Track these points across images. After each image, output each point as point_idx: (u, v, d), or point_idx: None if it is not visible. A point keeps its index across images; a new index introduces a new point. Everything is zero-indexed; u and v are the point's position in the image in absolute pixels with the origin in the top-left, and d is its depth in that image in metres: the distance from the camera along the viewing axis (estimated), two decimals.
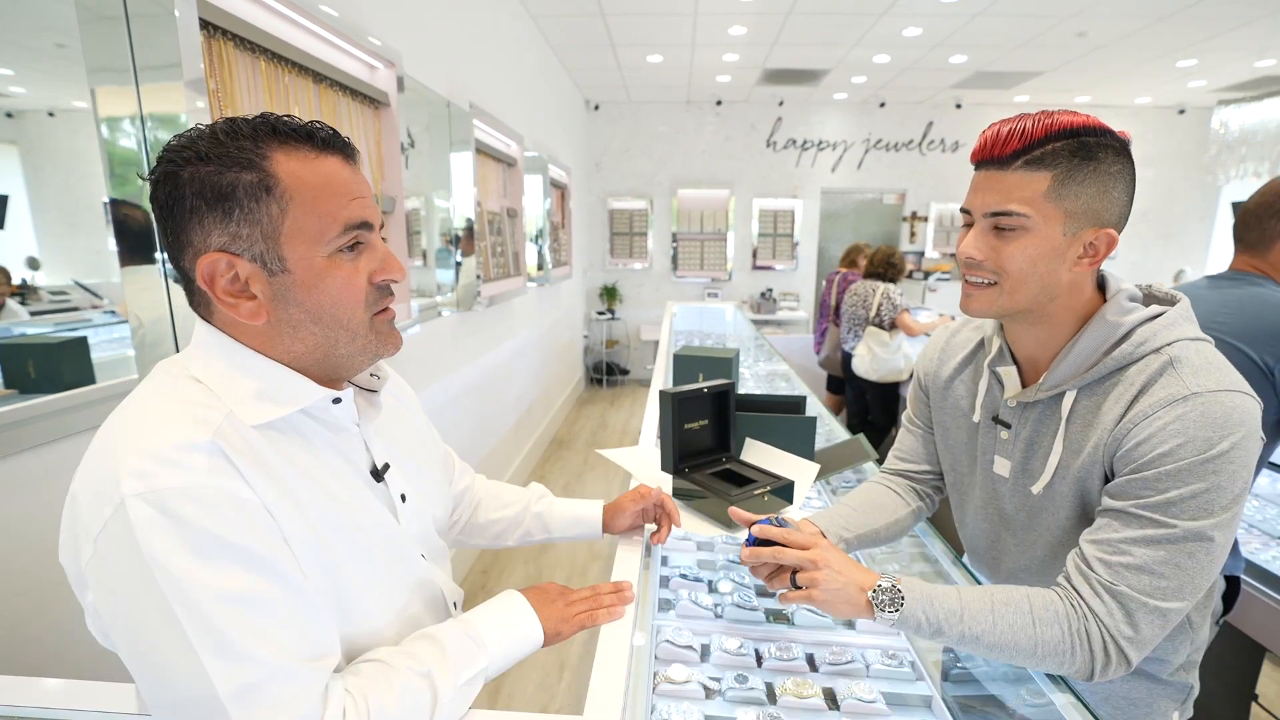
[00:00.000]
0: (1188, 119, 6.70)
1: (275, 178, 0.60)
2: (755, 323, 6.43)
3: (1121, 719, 1.04)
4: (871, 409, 3.88)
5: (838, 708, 1.01)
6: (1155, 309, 0.85)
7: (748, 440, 1.27)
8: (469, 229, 2.89)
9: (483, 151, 3.38)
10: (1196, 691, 1.05)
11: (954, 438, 1.06)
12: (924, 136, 6.84)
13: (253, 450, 0.58)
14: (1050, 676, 0.92)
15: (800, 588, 0.89)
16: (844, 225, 7.30)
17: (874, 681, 1.07)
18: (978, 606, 0.82)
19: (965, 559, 1.23)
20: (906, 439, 1.17)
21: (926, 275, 6.99)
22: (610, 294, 7.03)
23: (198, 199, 0.59)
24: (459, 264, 2.82)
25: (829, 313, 4.36)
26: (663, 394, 1.14)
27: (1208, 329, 1.40)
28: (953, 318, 4.46)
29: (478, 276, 3.02)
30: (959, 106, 6.70)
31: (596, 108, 6.77)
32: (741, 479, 1.12)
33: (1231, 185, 6.51)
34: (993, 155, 0.79)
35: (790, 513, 1.15)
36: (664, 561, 1.46)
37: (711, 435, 1.23)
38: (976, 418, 1.00)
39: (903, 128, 6.81)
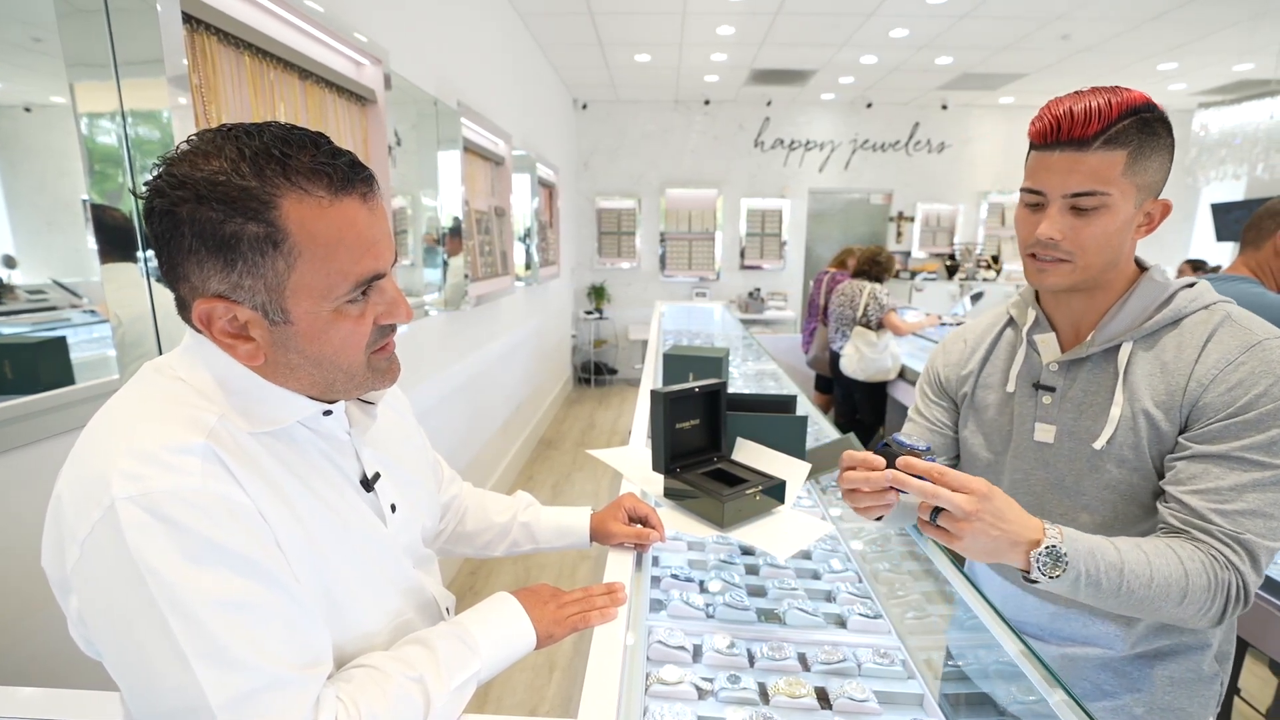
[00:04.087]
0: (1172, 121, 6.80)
1: (284, 232, 0.54)
2: (743, 322, 6.46)
3: None
4: (859, 408, 3.90)
5: (830, 707, 1.01)
6: (1187, 279, 0.92)
7: (739, 440, 1.27)
8: (456, 228, 2.87)
9: (470, 150, 3.35)
10: (1224, 689, 1.05)
11: (986, 418, 1.06)
12: (910, 137, 6.89)
13: (246, 454, 0.57)
14: (1046, 673, 0.92)
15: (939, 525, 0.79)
16: (832, 225, 7.33)
17: (866, 680, 1.07)
18: (1133, 558, 0.78)
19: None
20: (914, 433, 1.17)
21: (913, 275, 7.04)
22: (598, 293, 7.02)
23: (197, 241, 0.54)
24: (446, 263, 2.80)
25: (818, 312, 4.38)
26: (654, 393, 1.14)
27: None
28: (940, 317, 4.50)
29: (466, 276, 3.00)
30: (945, 108, 6.75)
31: (585, 107, 6.76)
32: (733, 478, 1.12)
33: (1211, 187, 6.63)
34: (1071, 136, 0.80)
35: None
36: (655, 562, 1.45)
37: (703, 435, 1.23)
38: (1011, 387, 1.01)
39: (890, 128, 6.85)
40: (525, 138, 4.42)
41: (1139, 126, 0.80)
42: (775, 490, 1.08)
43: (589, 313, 6.99)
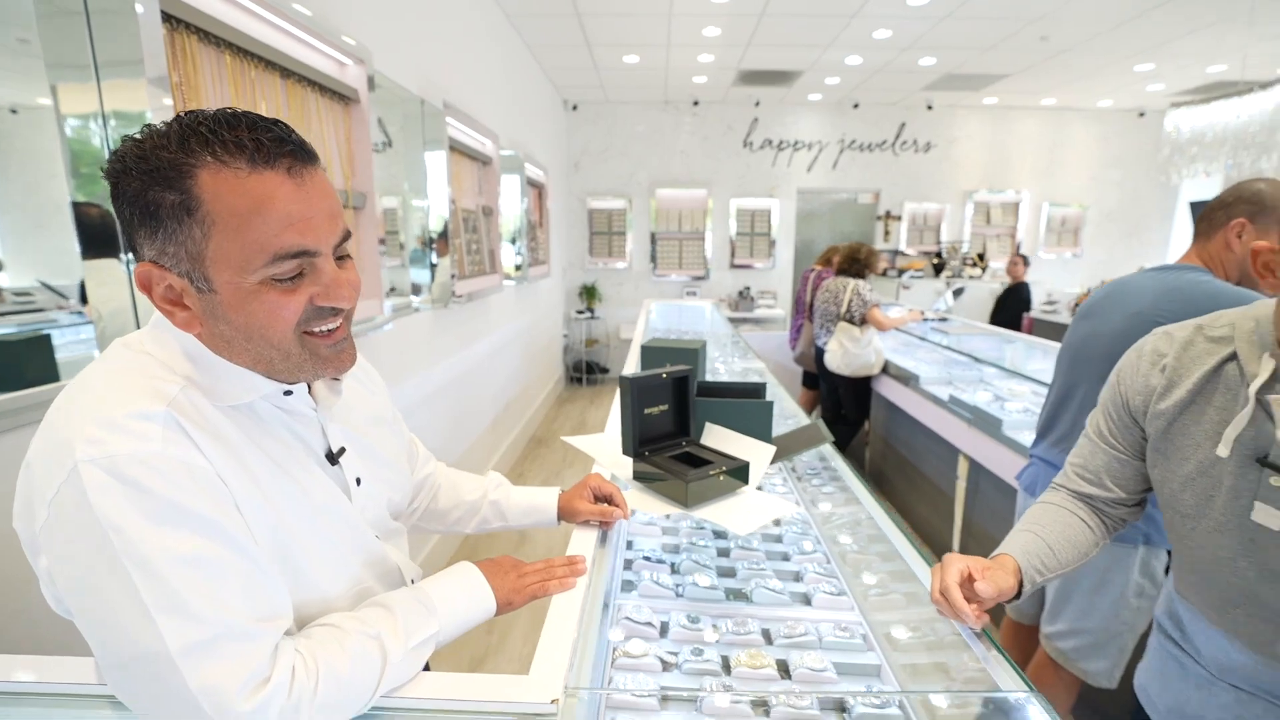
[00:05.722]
0: (1147, 121, 6.89)
1: (197, 200, 0.57)
2: (734, 320, 6.50)
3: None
4: (844, 403, 3.95)
5: (789, 676, 1.05)
6: None
7: (708, 425, 1.31)
8: (444, 230, 2.91)
9: (457, 150, 3.39)
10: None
11: (1179, 470, 0.85)
12: (897, 137, 6.95)
13: (208, 422, 0.61)
14: (990, 642, 0.95)
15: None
16: (821, 224, 7.39)
17: (826, 652, 1.11)
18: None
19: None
20: (1097, 457, 0.97)
21: (901, 273, 7.11)
22: (590, 293, 7.06)
23: (129, 209, 0.58)
24: (434, 265, 2.84)
25: (804, 310, 4.43)
26: (622, 380, 1.18)
27: (1155, 317, 1.45)
28: (922, 313, 4.55)
29: (453, 275, 3.03)
30: (930, 108, 6.82)
31: (575, 108, 6.80)
32: (698, 461, 1.16)
33: (1185, 185, 6.72)
34: None
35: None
36: (629, 545, 1.49)
37: (672, 420, 1.27)
38: (1225, 452, 0.79)
39: (876, 128, 6.92)
40: (513, 138, 4.45)
41: None
42: (739, 471, 1.12)
43: (580, 312, 7.03)
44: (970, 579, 0.79)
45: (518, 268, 4.60)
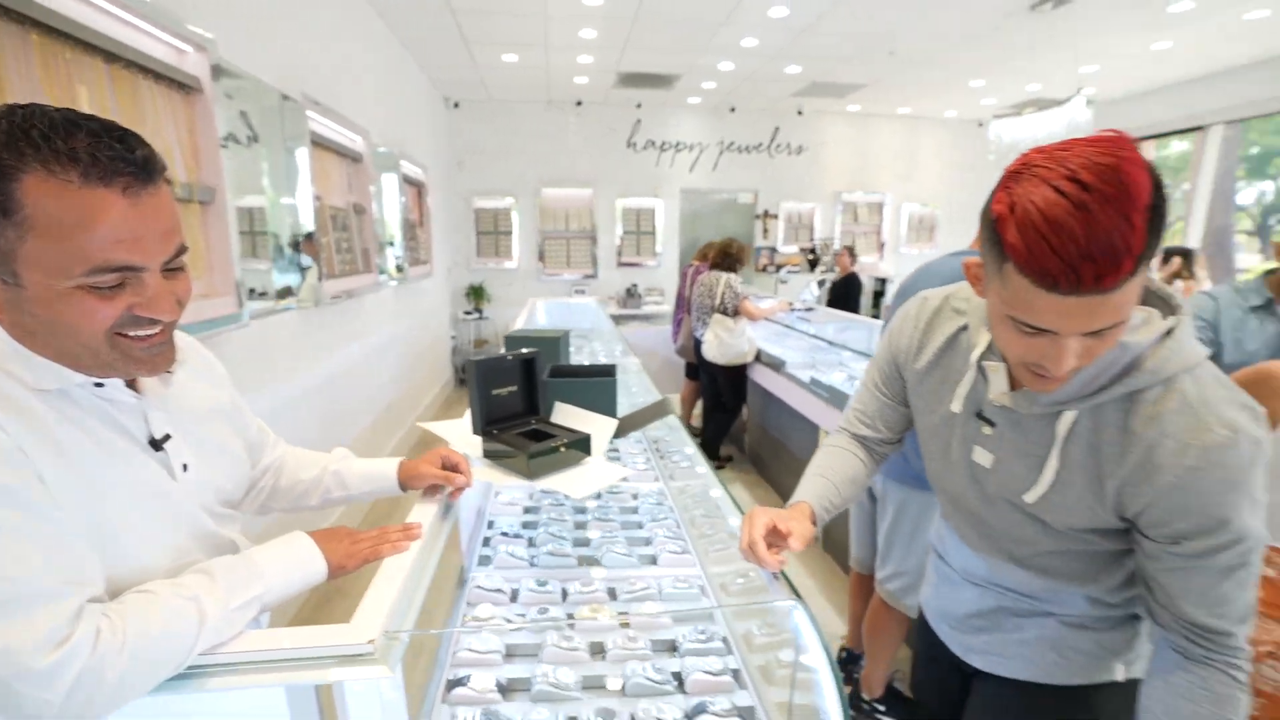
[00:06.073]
0: (984, 131, 7.73)
1: (17, 204, 0.56)
2: (624, 317, 6.64)
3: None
4: (723, 392, 4.17)
5: (628, 625, 1.15)
6: (1167, 324, 0.76)
7: (557, 404, 1.38)
8: (309, 232, 2.81)
9: (323, 145, 3.27)
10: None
11: (927, 421, 1.00)
12: (772, 140, 7.37)
13: (14, 402, 0.61)
14: (790, 589, 1.09)
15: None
16: (706, 224, 7.69)
17: (665, 602, 1.22)
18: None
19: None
20: (872, 403, 1.09)
21: (779, 269, 7.54)
22: (477, 293, 6.96)
23: None
24: (301, 265, 2.73)
25: (685, 304, 4.62)
26: (468, 362, 1.23)
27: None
28: (790, 303, 4.88)
29: (321, 274, 2.93)
30: (800, 113, 7.29)
31: (457, 105, 6.68)
32: (544, 436, 1.23)
33: None
34: (1100, 287, 0.63)
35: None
36: (490, 525, 1.54)
37: (521, 400, 1.33)
38: (957, 408, 0.92)
39: (752, 131, 7.30)
40: (388, 134, 4.33)
41: (1156, 226, 0.63)
42: (581, 443, 1.21)
43: (468, 313, 6.92)
44: (775, 530, 0.92)
45: (398, 268, 4.48)
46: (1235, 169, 5.87)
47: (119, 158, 0.58)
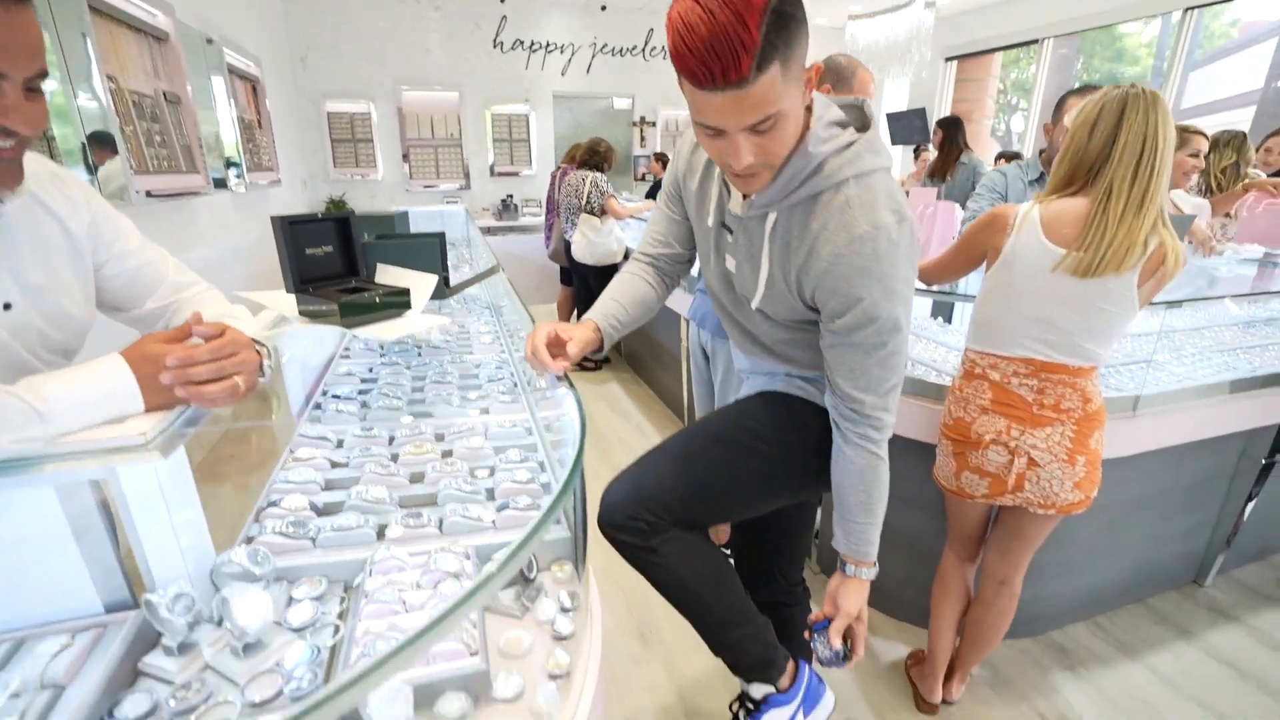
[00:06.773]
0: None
1: None
2: (499, 230, 6.48)
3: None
4: (595, 293, 4.23)
5: (450, 455, 1.22)
6: (848, 137, 0.90)
7: (380, 265, 1.39)
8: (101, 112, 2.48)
9: (111, 16, 2.84)
10: None
11: (700, 234, 1.15)
12: (646, 43, 7.19)
13: None
14: (567, 380, 1.21)
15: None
16: (583, 132, 7.49)
17: (490, 440, 1.30)
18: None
19: None
20: (664, 222, 1.21)
21: (657, 180, 7.56)
22: (338, 207, 6.49)
23: None
24: (88, 153, 2.42)
25: (555, 207, 4.57)
26: (273, 219, 1.20)
27: None
28: (654, 202, 4.96)
29: (130, 167, 2.63)
30: None
31: None
32: (362, 291, 1.24)
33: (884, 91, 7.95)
34: (728, 81, 0.74)
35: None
36: (324, 393, 1.55)
37: (339, 261, 1.32)
38: (710, 221, 1.07)
39: (626, 33, 7.08)
40: (200, 14, 3.82)
41: (778, 28, 0.73)
42: (397, 295, 1.23)
43: None
44: (557, 339, 1.01)
45: (235, 171, 4.08)
46: (1071, 86, 6.47)
47: None
